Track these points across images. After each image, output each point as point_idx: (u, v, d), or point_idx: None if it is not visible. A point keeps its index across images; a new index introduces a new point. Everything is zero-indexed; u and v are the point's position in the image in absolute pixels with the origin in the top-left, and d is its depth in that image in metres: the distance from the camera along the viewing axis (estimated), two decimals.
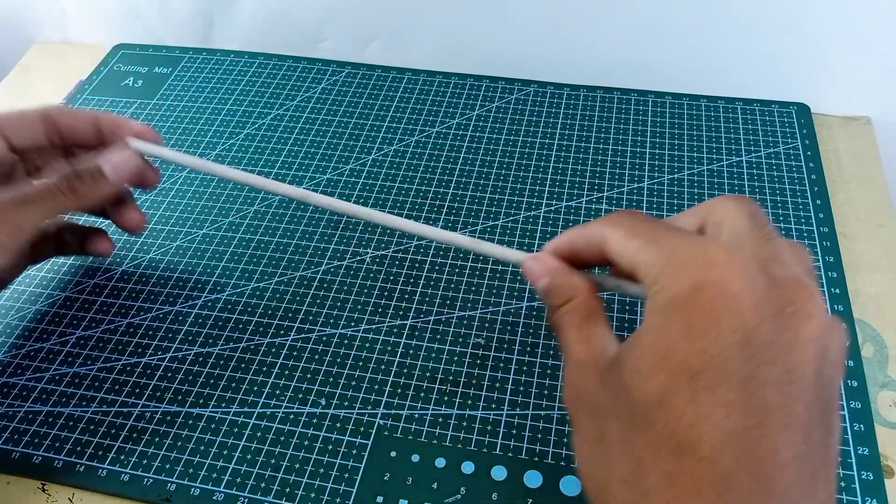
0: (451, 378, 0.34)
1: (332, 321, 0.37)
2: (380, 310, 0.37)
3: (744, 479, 0.19)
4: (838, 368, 0.23)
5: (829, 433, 0.21)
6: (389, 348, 0.35)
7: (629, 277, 0.25)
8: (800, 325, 0.21)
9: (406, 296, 0.38)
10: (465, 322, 0.36)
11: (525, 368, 0.34)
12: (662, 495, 0.20)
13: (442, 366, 0.35)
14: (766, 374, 0.20)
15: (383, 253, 0.40)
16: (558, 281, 0.27)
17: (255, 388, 0.34)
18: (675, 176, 0.43)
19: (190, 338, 0.36)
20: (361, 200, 0.43)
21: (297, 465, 0.31)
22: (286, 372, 0.35)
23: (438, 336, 0.36)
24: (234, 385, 0.34)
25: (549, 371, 0.34)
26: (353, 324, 0.36)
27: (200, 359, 0.35)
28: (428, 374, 0.34)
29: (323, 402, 0.33)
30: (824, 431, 0.21)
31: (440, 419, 0.33)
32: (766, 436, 0.20)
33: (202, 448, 0.32)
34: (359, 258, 0.39)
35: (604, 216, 0.27)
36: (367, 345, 0.36)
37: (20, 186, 0.32)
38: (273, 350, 0.36)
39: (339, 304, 0.37)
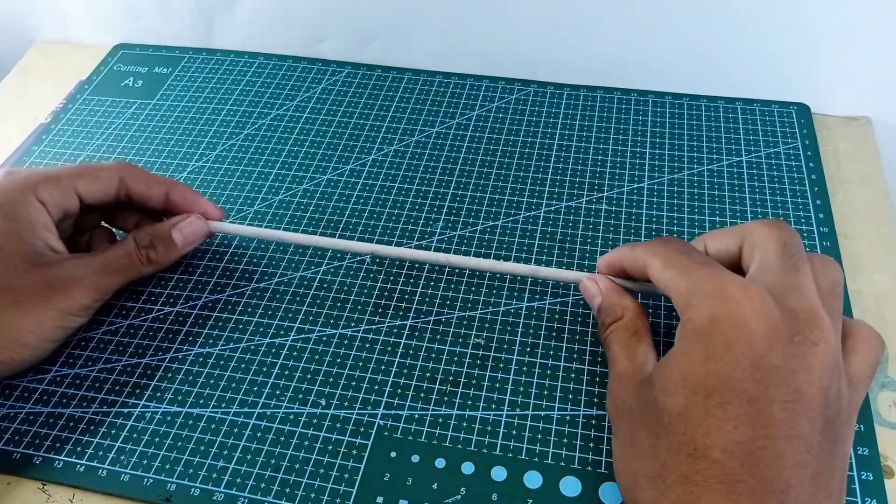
0: (451, 378, 0.34)
1: (332, 321, 0.37)
2: (380, 310, 0.37)
3: (748, 480, 0.23)
4: (861, 381, 0.27)
5: (834, 443, 0.25)
6: (389, 348, 0.35)
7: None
8: (807, 351, 0.24)
9: (406, 296, 0.38)
10: (465, 322, 0.36)
11: (525, 368, 0.34)
12: (680, 490, 0.24)
13: (442, 366, 0.35)
14: (773, 394, 0.24)
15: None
16: (610, 301, 0.32)
17: (255, 388, 0.34)
18: (675, 176, 0.43)
19: (190, 338, 0.36)
20: (362, 201, 0.43)
21: (297, 465, 0.31)
22: (286, 372, 0.35)
23: (438, 336, 0.36)
24: (234, 385, 0.34)
25: (548, 371, 0.34)
26: (353, 324, 0.36)
27: (200, 359, 0.35)
28: (428, 374, 0.34)
29: (323, 402, 0.33)
30: (828, 442, 0.24)
31: (440, 419, 0.33)
32: (770, 445, 0.23)
33: (202, 448, 0.32)
34: (359, 258, 0.39)
35: (648, 242, 0.31)
36: (367, 345, 0.36)
37: (102, 254, 0.35)
38: (273, 350, 0.36)
39: (339, 304, 0.37)
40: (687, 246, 0.29)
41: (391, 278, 0.38)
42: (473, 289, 0.38)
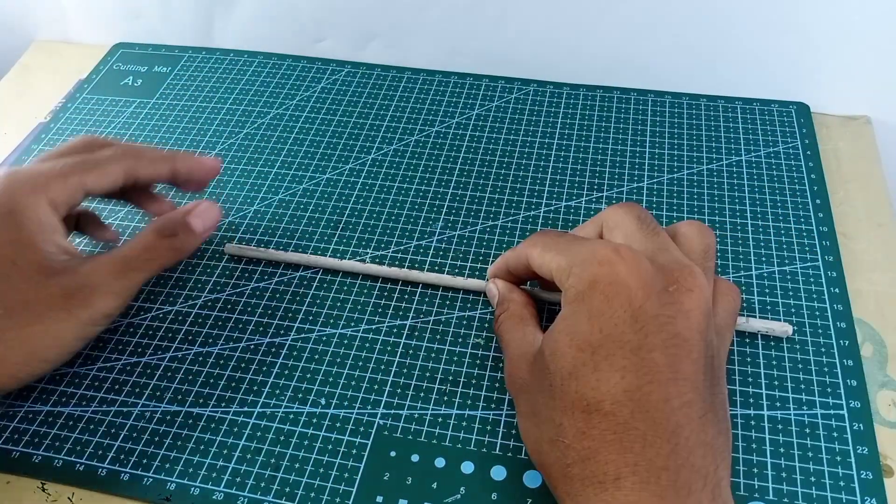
0: (451, 378, 0.34)
1: (332, 321, 0.37)
2: (380, 310, 0.37)
3: (639, 426, 0.24)
4: (726, 329, 0.29)
5: (715, 383, 0.26)
6: (389, 348, 0.35)
7: (553, 286, 0.30)
8: (682, 298, 0.26)
9: (406, 296, 0.38)
10: (464, 322, 0.36)
11: None
12: (578, 446, 0.25)
13: (442, 366, 0.35)
14: (653, 341, 0.25)
15: (383, 253, 0.40)
16: (501, 296, 0.34)
17: (255, 388, 0.34)
18: (675, 175, 0.43)
19: (190, 337, 0.36)
20: (361, 200, 0.43)
21: (297, 465, 0.31)
22: (286, 372, 0.35)
23: (438, 336, 0.36)
24: (234, 385, 0.34)
25: None
26: (353, 324, 0.36)
27: (200, 358, 0.35)
28: (428, 374, 0.34)
29: (323, 401, 0.33)
30: (710, 382, 0.26)
31: (440, 419, 0.33)
32: (656, 390, 0.24)
33: (202, 448, 0.32)
34: (358, 258, 0.39)
35: (527, 238, 0.32)
36: (367, 345, 0.36)
37: (119, 253, 0.33)
38: (273, 350, 0.36)
39: (339, 304, 0.37)
40: (560, 231, 0.32)
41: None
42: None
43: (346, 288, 0.38)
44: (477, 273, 0.38)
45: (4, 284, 0.30)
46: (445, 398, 0.33)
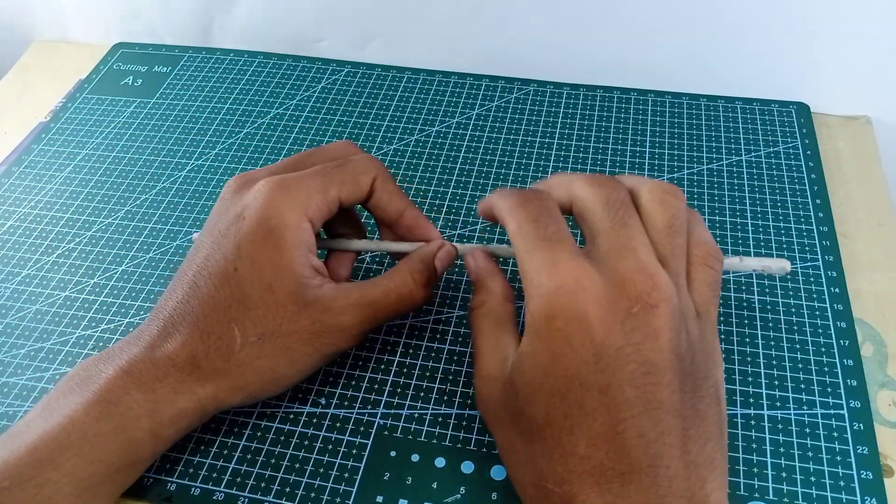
0: (450, 378, 0.34)
1: None
2: None
3: (616, 465, 0.24)
4: (709, 304, 0.27)
5: (696, 390, 0.25)
6: (390, 348, 0.35)
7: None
8: (649, 318, 0.24)
9: None
10: (464, 322, 0.36)
11: None
12: (560, 492, 0.24)
13: (442, 365, 0.35)
14: (621, 377, 0.24)
15: (383, 252, 0.40)
16: (480, 281, 0.31)
17: None
18: (675, 175, 0.43)
19: None
20: None
21: (297, 465, 0.31)
22: None
23: (439, 336, 0.36)
24: None
25: None
26: None
27: None
28: (428, 374, 0.34)
29: (323, 401, 0.33)
30: (689, 393, 0.25)
31: (440, 419, 0.33)
32: (630, 427, 0.24)
33: (202, 448, 0.32)
34: (358, 258, 0.39)
35: (511, 195, 0.28)
36: (367, 344, 0.36)
37: (369, 294, 0.31)
38: None
39: None
40: (539, 209, 0.28)
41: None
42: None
43: None
44: None
45: (262, 311, 0.29)
46: (445, 398, 0.33)
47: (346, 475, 0.31)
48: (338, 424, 0.33)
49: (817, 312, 0.36)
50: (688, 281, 0.27)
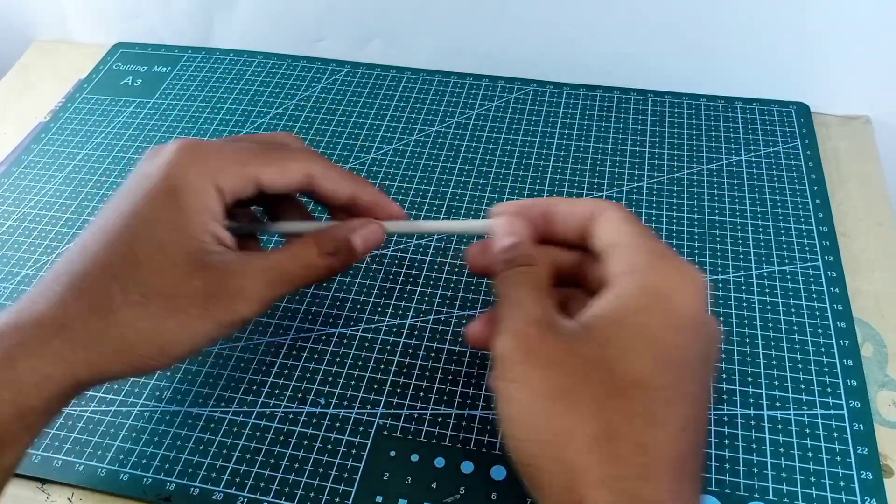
0: (450, 378, 0.34)
1: (331, 320, 0.37)
2: (379, 309, 0.37)
3: (692, 463, 0.23)
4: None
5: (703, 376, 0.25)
6: (389, 348, 0.35)
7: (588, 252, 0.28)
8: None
9: (406, 295, 0.38)
10: (464, 322, 0.36)
11: None
12: (634, 461, 0.22)
13: (442, 365, 0.35)
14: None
15: (383, 252, 0.40)
16: (524, 248, 0.28)
17: (255, 388, 0.34)
18: (675, 175, 0.43)
19: None
20: None
21: (297, 465, 0.31)
22: (286, 371, 0.35)
23: (438, 336, 0.36)
24: (233, 385, 0.34)
25: None
26: (352, 323, 0.36)
27: (200, 358, 0.35)
28: (428, 374, 0.34)
29: (322, 401, 0.33)
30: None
31: (440, 419, 0.33)
32: (703, 417, 0.24)
33: (202, 448, 0.32)
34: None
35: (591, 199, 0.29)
36: (367, 344, 0.36)
37: (274, 260, 0.29)
38: (273, 349, 0.36)
39: (338, 303, 0.37)
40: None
41: (391, 278, 0.38)
42: (473, 287, 0.38)
43: (346, 287, 0.38)
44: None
45: (148, 269, 0.27)
46: (445, 397, 0.33)
47: (346, 475, 0.31)
48: (337, 424, 0.33)
49: (817, 312, 0.36)
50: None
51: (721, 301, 0.36)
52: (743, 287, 0.37)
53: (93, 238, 0.28)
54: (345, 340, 0.36)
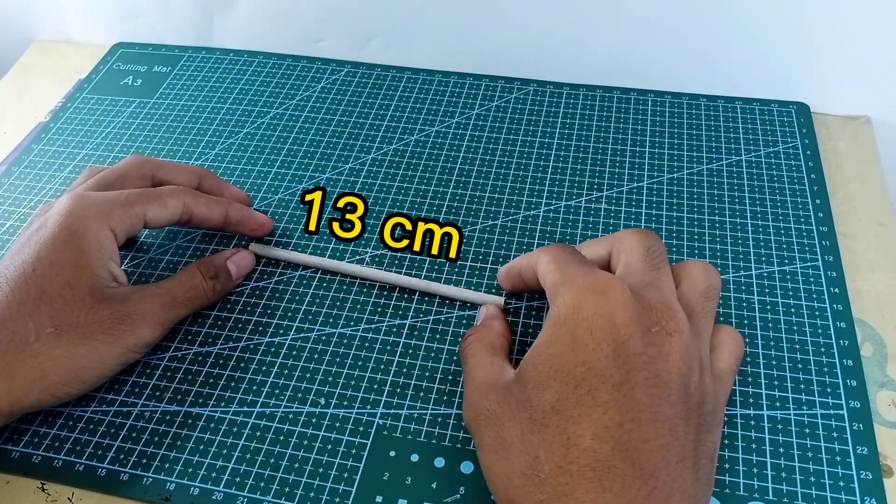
0: (450, 378, 0.34)
1: (331, 320, 0.37)
2: (379, 309, 0.37)
3: (619, 465, 0.24)
4: (727, 374, 0.29)
5: (700, 432, 0.26)
6: (389, 348, 0.35)
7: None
8: (663, 340, 0.26)
9: (406, 295, 0.38)
10: (464, 321, 0.36)
11: None
12: (555, 482, 0.24)
13: (441, 365, 0.35)
14: (635, 378, 0.25)
15: (382, 252, 0.40)
16: (483, 319, 0.34)
17: (255, 388, 0.34)
18: (675, 175, 0.43)
19: (189, 337, 0.36)
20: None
21: (297, 465, 0.31)
22: (286, 371, 0.35)
23: (438, 336, 0.36)
24: (233, 384, 0.34)
25: None
26: (352, 323, 0.36)
27: (200, 358, 0.35)
28: (428, 374, 0.34)
29: (322, 401, 0.33)
30: (694, 431, 0.26)
31: (440, 419, 0.33)
32: (636, 428, 0.24)
33: (201, 447, 0.32)
34: (358, 258, 0.39)
35: (544, 246, 0.33)
36: (367, 344, 0.36)
37: (166, 287, 0.34)
38: (273, 349, 0.36)
39: (338, 303, 0.37)
40: (574, 250, 0.31)
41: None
42: (472, 287, 0.38)
43: (345, 287, 0.38)
44: (477, 273, 0.38)
45: (59, 304, 0.31)
46: (445, 397, 0.33)
47: (346, 475, 0.31)
48: (337, 424, 0.33)
49: (817, 312, 0.36)
50: (713, 348, 0.30)
51: (721, 301, 0.36)
52: (743, 287, 0.37)
53: (6, 283, 0.31)
54: (345, 340, 0.36)
